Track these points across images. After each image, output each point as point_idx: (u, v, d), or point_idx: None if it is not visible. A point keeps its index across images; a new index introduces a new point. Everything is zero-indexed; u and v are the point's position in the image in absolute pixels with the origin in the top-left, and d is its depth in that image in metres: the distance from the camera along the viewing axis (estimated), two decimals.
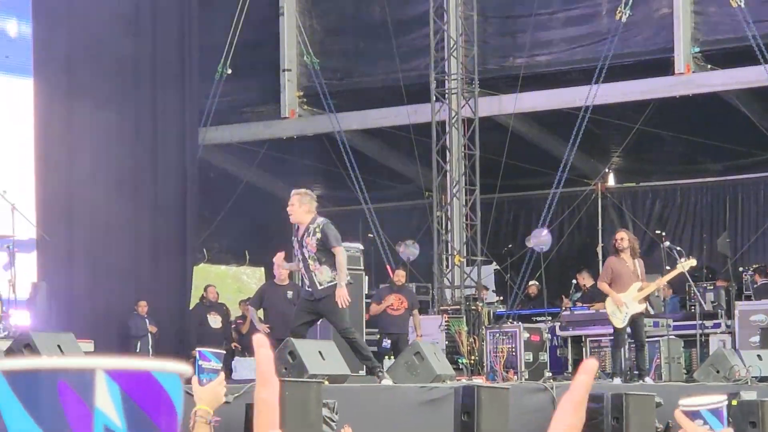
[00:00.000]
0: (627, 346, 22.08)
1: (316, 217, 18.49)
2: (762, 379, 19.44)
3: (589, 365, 2.07)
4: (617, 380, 20.36)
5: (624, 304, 19.89)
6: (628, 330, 22.18)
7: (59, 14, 27.28)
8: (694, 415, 4.29)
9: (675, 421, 13.16)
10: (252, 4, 27.75)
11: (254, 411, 1.76)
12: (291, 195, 19.21)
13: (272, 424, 1.52)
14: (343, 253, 18.47)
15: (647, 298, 21.33)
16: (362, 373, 18.89)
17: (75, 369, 1.08)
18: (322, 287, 18.07)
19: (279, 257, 21.22)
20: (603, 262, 25.02)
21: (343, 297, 17.96)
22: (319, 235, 18.44)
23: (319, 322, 19.98)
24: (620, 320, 19.98)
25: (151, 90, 27.35)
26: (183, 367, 1.09)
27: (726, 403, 4.53)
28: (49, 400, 1.09)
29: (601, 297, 23.04)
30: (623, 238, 20.75)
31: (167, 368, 1.10)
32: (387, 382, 17.42)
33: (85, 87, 27.10)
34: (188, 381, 8.83)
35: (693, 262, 21.18)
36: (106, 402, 1.08)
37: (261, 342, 1.65)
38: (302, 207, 18.74)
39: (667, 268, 22.37)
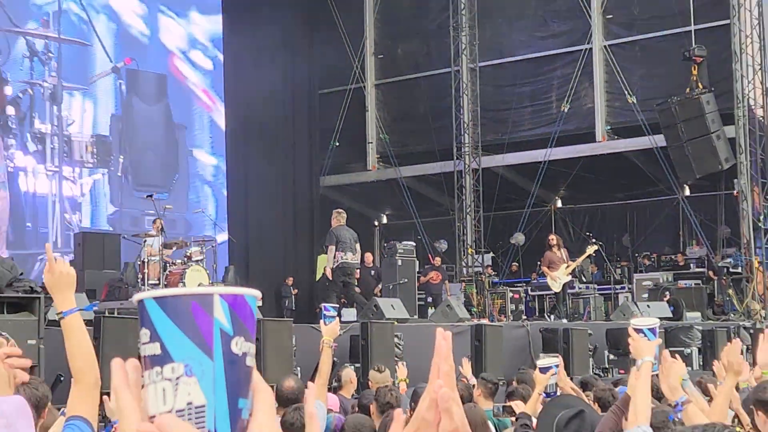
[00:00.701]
0: (566, 300, 21.15)
1: (332, 226, 18.72)
2: (654, 317, 19.01)
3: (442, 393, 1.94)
4: (564, 320, 19.71)
5: (557, 278, 19.96)
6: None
7: (238, 94, 26.77)
8: (638, 331, 5.08)
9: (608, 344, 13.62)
10: (350, 103, 27.88)
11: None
12: None
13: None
14: (330, 251, 18.24)
15: (573, 272, 21.13)
16: (416, 316, 18.61)
17: (201, 294, 1.20)
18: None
19: (368, 256, 22.12)
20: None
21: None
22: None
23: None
24: (557, 286, 20.04)
25: (292, 150, 27.49)
26: (258, 293, 1.21)
27: (658, 324, 5.45)
28: (186, 314, 1.19)
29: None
30: (553, 238, 20.98)
31: (252, 293, 1.21)
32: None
33: (254, 144, 26.90)
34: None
35: (594, 247, 21.24)
36: (220, 313, 1.20)
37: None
38: (332, 220, 19.04)
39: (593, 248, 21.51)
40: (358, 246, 19.09)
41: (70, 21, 23.02)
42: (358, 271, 19.51)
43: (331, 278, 18.71)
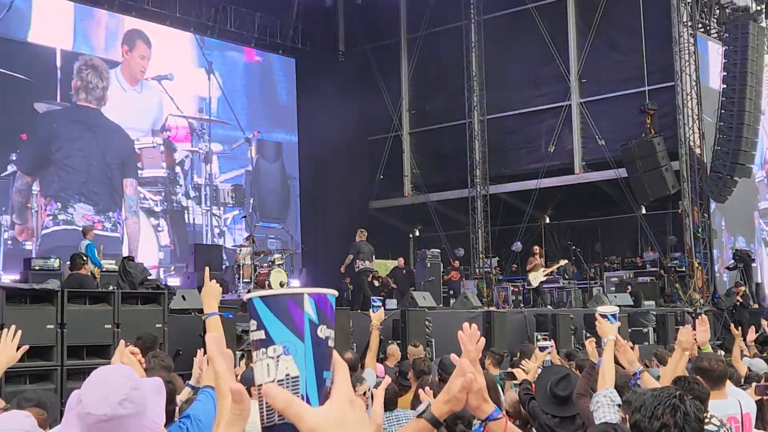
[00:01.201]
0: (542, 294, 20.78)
1: (356, 240, 18.82)
2: (619, 305, 18.69)
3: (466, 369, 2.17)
4: (549, 307, 19.54)
5: (536, 277, 19.90)
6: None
7: (309, 140, 27.30)
8: (603, 317, 5.14)
9: (585, 325, 13.45)
10: (391, 146, 27.86)
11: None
12: None
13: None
14: (349, 258, 18.49)
15: (553, 273, 21.16)
16: (441, 305, 18.27)
17: (295, 293, 1.22)
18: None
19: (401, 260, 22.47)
20: (545, 257, 24.03)
21: None
22: None
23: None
24: (535, 283, 19.96)
25: (349, 181, 27.28)
26: (335, 292, 1.24)
27: (618, 310, 5.57)
28: (283, 309, 1.22)
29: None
30: (536, 248, 21.10)
31: (331, 292, 1.24)
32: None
33: (321, 177, 27.06)
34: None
35: (564, 261, 21.54)
36: (309, 308, 1.23)
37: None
38: (357, 235, 18.95)
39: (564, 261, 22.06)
40: (373, 257, 19.08)
41: (217, 107, 24.75)
42: (372, 273, 19.52)
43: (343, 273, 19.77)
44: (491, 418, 2.45)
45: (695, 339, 5.99)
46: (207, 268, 4.70)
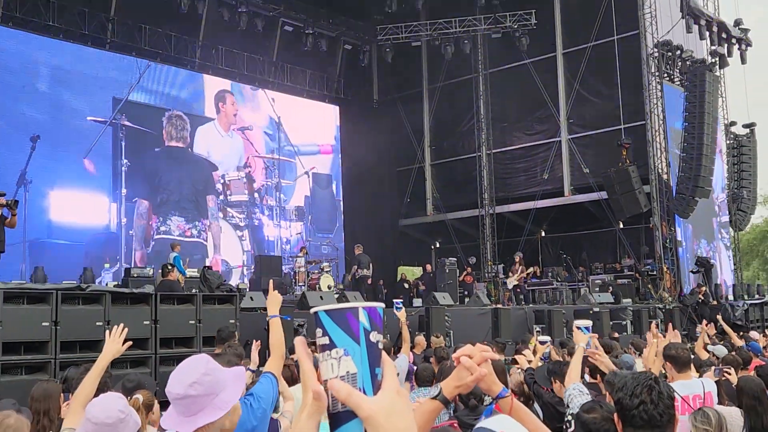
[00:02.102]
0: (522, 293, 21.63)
1: (356, 253, 19.86)
2: (600, 303, 18.39)
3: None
4: (546, 305, 19.69)
5: (512, 281, 20.48)
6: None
7: (352, 165, 27.50)
8: (578, 328, 4.94)
9: (575, 318, 13.17)
10: (416, 175, 27.84)
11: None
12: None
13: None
14: (353, 268, 19.63)
15: (527, 277, 21.42)
16: (458, 303, 17.93)
17: (352, 307, 1.20)
18: None
19: (428, 266, 22.79)
20: (542, 265, 24.82)
21: None
22: None
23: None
24: (511, 285, 20.60)
25: (382, 203, 27.48)
26: (383, 304, 1.22)
27: (590, 323, 5.25)
28: (343, 319, 1.21)
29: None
30: (517, 257, 21.29)
31: (380, 305, 1.23)
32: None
33: (359, 200, 27.08)
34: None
35: (534, 268, 22.14)
36: (363, 318, 1.21)
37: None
38: (356, 249, 19.86)
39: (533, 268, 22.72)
40: (371, 265, 19.82)
41: (284, 150, 25.67)
42: (370, 278, 20.17)
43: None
44: (500, 396, 2.43)
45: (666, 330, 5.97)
46: (271, 281, 4.93)
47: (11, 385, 7.40)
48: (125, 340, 3.85)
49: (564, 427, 4.44)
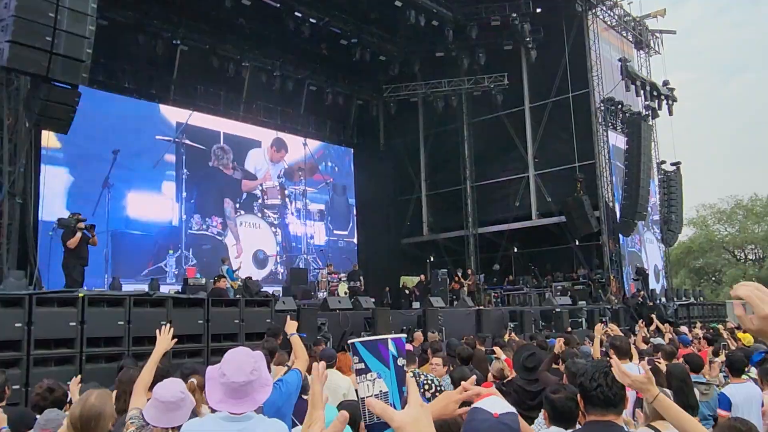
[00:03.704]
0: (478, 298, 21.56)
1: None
2: (562, 305, 18.53)
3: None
4: (518, 306, 19.30)
5: (464, 291, 20.02)
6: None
7: (363, 196, 27.42)
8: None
9: (541, 317, 12.95)
10: (414, 204, 27.81)
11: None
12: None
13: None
14: (346, 282, 19.25)
15: (473, 285, 21.75)
16: (448, 305, 17.24)
17: (383, 338, 1.18)
18: None
19: (423, 277, 22.03)
20: (514, 275, 24.33)
21: None
22: None
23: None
24: (466, 291, 20.19)
25: (387, 225, 27.07)
26: (405, 335, 1.27)
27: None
28: (375, 348, 1.18)
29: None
30: (471, 270, 21.28)
31: (403, 336, 1.22)
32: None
33: (369, 224, 26.86)
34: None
35: (472, 278, 21.89)
36: (392, 347, 1.19)
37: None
38: (353, 267, 19.93)
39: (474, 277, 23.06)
40: (361, 278, 19.80)
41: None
42: (362, 287, 19.70)
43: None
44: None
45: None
46: (288, 317, 5.08)
47: (94, 372, 7.42)
48: (173, 337, 3.85)
49: None
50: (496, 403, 2.00)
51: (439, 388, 4.95)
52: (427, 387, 4.95)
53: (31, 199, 11.70)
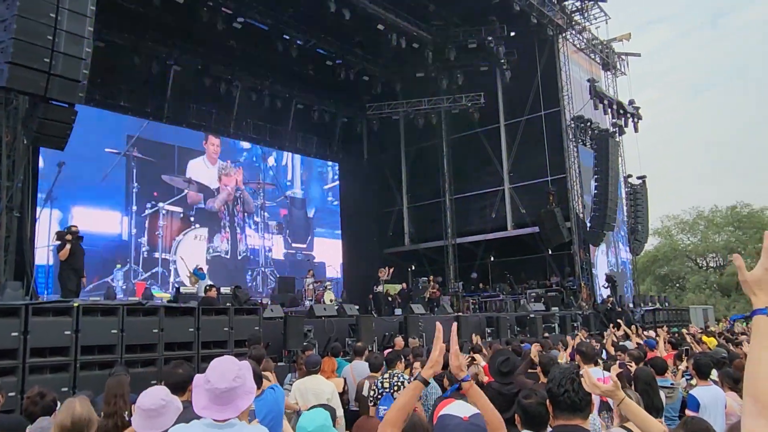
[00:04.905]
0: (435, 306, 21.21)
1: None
2: (536, 311, 18.40)
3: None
4: (495, 312, 19.27)
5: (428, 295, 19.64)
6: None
7: (348, 207, 27.49)
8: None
9: (516, 323, 12.92)
10: (396, 216, 27.81)
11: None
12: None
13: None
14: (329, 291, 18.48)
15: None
16: (428, 312, 17.16)
17: None
18: None
19: (404, 285, 21.45)
20: (491, 283, 24.17)
21: None
22: None
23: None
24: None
25: (372, 236, 27.04)
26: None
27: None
28: None
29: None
30: (432, 277, 20.73)
31: None
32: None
33: (353, 234, 26.75)
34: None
35: (400, 286, 20.52)
36: None
37: None
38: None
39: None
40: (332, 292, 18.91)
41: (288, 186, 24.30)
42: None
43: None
44: (464, 380, 2.55)
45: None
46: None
47: (88, 379, 7.32)
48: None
49: None
50: (463, 408, 2.04)
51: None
52: (396, 388, 4.89)
53: (28, 214, 11.58)
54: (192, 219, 21.62)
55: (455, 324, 2.90)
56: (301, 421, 3.24)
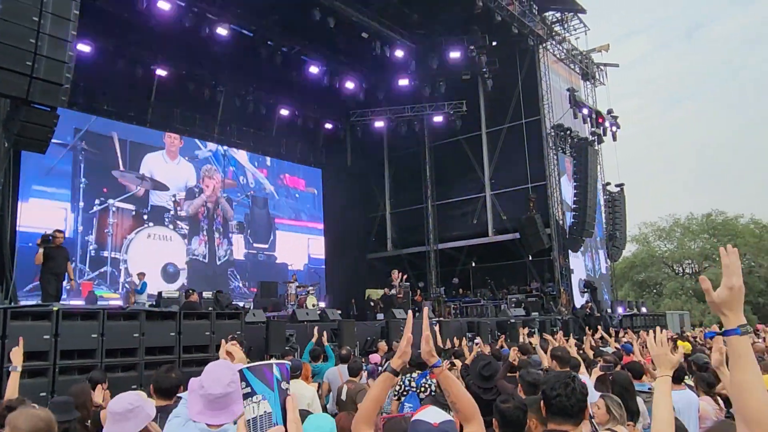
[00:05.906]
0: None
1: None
2: (516, 316, 18.61)
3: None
4: (477, 317, 19.26)
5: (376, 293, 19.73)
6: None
7: (331, 213, 27.19)
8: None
9: (497, 327, 13.07)
10: (379, 220, 27.80)
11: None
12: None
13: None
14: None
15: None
16: (407, 316, 18.27)
17: (267, 363, 1.19)
18: None
19: (386, 290, 21.82)
20: (472, 288, 24.36)
21: None
22: None
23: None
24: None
25: (356, 241, 26.90)
26: (289, 363, 1.14)
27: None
28: (261, 373, 1.22)
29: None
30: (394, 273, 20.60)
31: (287, 362, 1.22)
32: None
33: (337, 240, 26.47)
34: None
35: (382, 291, 20.00)
36: (276, 372, 1.24)
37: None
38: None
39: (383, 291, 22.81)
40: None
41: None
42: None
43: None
44: (435, 365, 2.52)
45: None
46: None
47: (66, 383, 7.17)
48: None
49: None
50: (434, 414, 2.06)
51: (432, 391, 5.18)
52: (422, 389, 5.21)
53: (8, 216, 11.40)
54: (145, 217, 20.45)
55: (426, 308, 2.99)
56: (306, 427, 3.18)
